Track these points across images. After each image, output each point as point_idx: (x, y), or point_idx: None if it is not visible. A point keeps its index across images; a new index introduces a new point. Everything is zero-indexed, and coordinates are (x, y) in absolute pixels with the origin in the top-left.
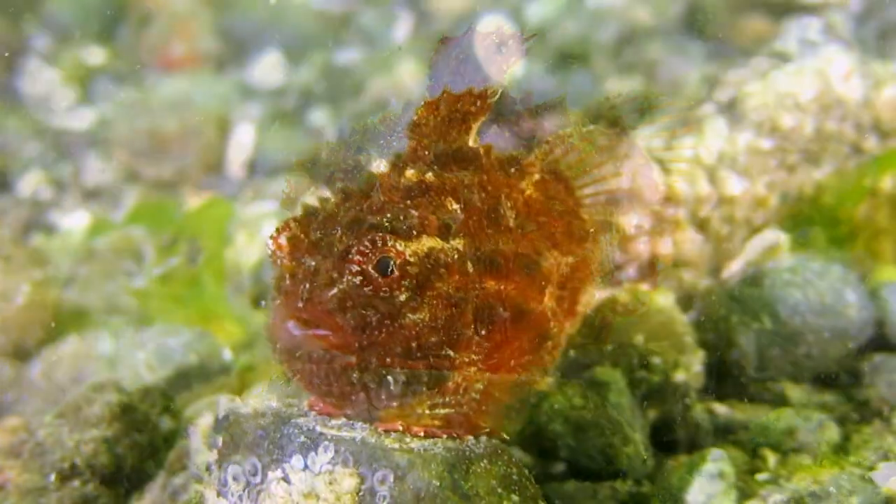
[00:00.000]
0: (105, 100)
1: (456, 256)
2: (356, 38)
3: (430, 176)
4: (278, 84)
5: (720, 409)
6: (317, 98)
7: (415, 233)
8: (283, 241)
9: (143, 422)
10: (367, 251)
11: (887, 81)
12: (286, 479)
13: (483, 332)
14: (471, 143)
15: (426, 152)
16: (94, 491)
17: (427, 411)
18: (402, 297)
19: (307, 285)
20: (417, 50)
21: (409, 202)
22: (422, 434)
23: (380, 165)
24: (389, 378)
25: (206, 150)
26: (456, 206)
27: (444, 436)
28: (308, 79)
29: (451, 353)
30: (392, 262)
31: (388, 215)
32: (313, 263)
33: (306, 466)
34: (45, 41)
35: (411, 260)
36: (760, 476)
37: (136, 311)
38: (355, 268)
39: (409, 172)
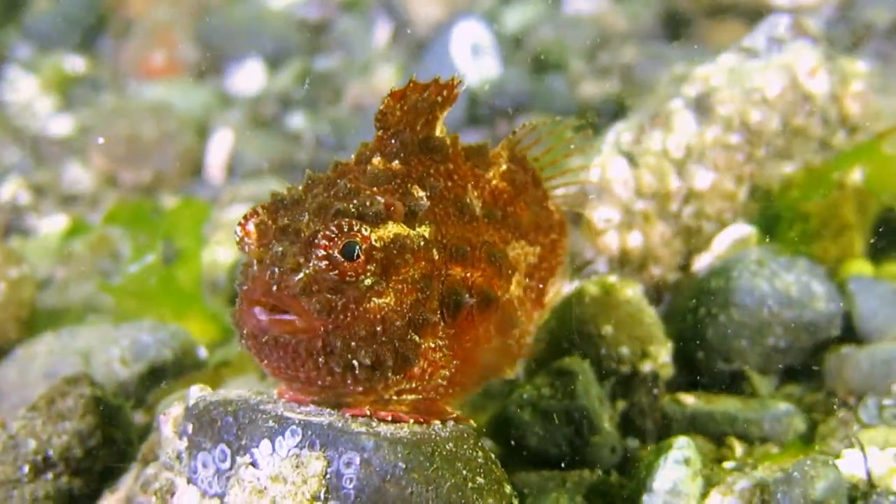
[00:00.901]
0: (85, 107)
1: (422, 243)
2: (335, 45)
3: (396, 164)
4: (258, 91)
5: (688, 399)
6: (296, 104)
7: (381, 219)
8: (250, 227)
9: (117, 415)
10: (334, 236)
11: (854, 77)
12: (254, 464)
13: (449, 319)
14: (437, 133)
15: (392, 141)
16: (67, 483)
17: (394, 397)
18: (368, 282)
19: (274, 270)
20: (395, 57)
21: (375, 189)
22: (389, 419)
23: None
24: (354, 362)
25: (184, 155)
26: (422, 194)
27: (411, 421)
28: (287, 85)
29: (416, 337)
30: (358, 247)
31: (355, 201)
32: (280, 249)
33: (274, 451)
34: (26, 50)
35: (377, 245)
36: (727, 464)
37: (113, 310)
38: (321, 252)
39: (376, 160)
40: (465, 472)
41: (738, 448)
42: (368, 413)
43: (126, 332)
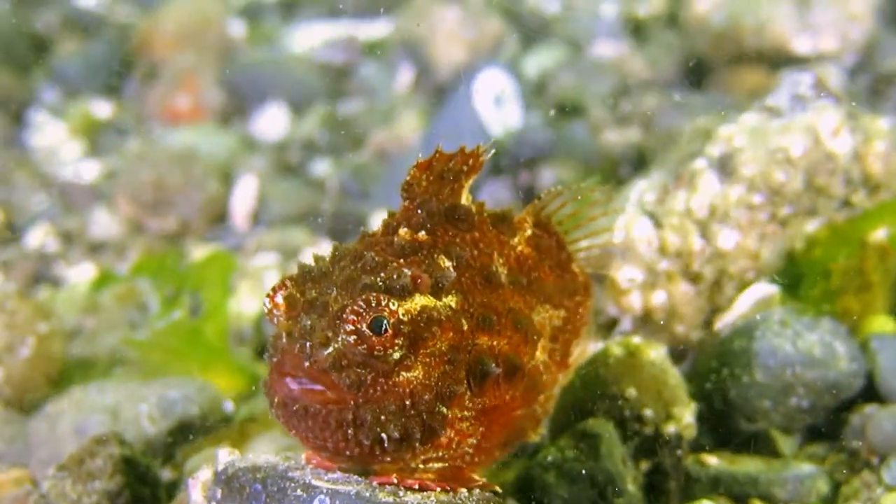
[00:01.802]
0: (111, 153)
1: (449, 313)
2: (358, 90)
3: (422, 234)
4: (282, 136)
5: (711, 460)
6: (319, 150)
7: (408, 292)
8: (279, 299)
9: (145, 474)
10: (362, 311)
11: (876, 136)
12: None
13: (475, 388)
14: (463, 201)
15: (419, 211)
16: None
17: (421, 465)
18: (396, 356)
19: (304, 344)
20: (418, 102)
21: (402, 261)
22: (416, 487)
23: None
24: (383, 435)
25: (210, 202)
26: (448, 264)
27: (438, 489)
28: (311, 131)
29: (443, 409)
30: (386, 322)
31: (382, 274)
32: (308, 322)
33: None
34: (52, 94)
35: (404, 319)
36: None
37: (140, 363)
38: (350, 327)
39: (402, 231)
40: None
41: None
42: (395, 481)
43: (153, 388)
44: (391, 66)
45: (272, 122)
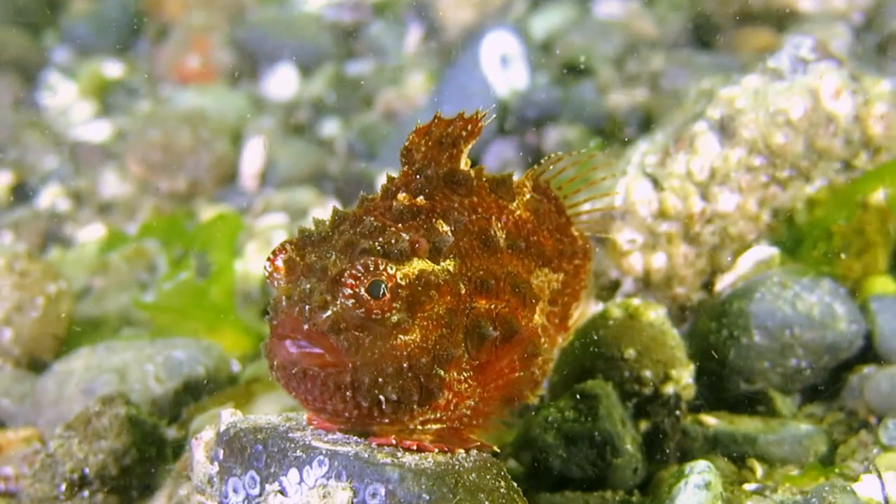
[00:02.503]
0: (122, 113)
1: (447, 277)
2: (367, 50)
3: (420, 199)
4: (291, 96)
5: (710, 420)
6: (328, 109)
7: (406, 256)
8: (279, 263)
9: (151, 433)
10: (360, 275)
11: (877, 98)
12: (283, 492)
13: (473, 351)
14: (462, 166)
15: (417, 176)
16: (103, 501)
17: (419, 426)
18: (394, 319)
19: (303, 307)
20: (426, 62)
21: (400, 225)
22: (414, 448)
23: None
24: (381, 397)
25: (219, 163)
26: (447, 228)
27: (436, 450)
28: (319, 90)
29: (441, 372)
30: (383, 285)
31: (380, 239)
32: (308, 286)
33: (302, 480)
34: (64, 54)
35: (402, 283)
36: (748, 486)
37: (148, 323)
38: (348, 291)
39: (401, 196)
40: (487, 502)
41: (759, 469)
42: (394, 442)
43: (160, 348)
44: (400, 25)
45: (281, 81)
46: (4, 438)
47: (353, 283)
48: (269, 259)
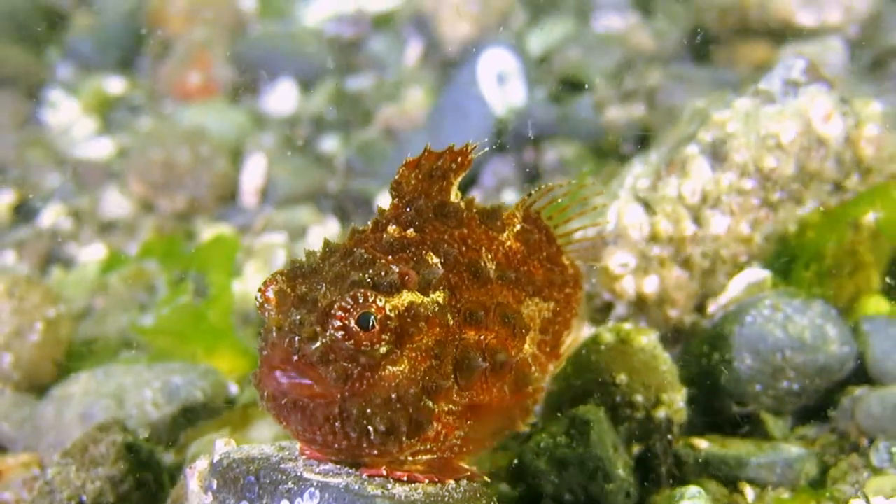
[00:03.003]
0: (124, 130)
1: (436, 309)
2: (367, 64)
3: (411, 231)
4: (291, 112)
5: (702, 443)
6: (328, 126)
7: (396, 288)
8: (270, 294)
9: (148, 459)
10: (349, 307)
11: (868, 120)
12: None
13: (463, 382)
14: (452, 198)
15: (408, 209)
16: None
17: (410, 458)
18: (383, 350)
19: (293, 338)
20: (425, 77)
21: (390, 257)
22: (404, 479)
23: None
24: (370, 428)
25: (219, 181)
26: (436, 261)
27: (426, 480)
28: (319, 106)
29: (430, 403)
30: (373, 318)
31: (370, 271)
32: (298, 317)
33: None
34: (66, 71)
35: (391, 315)
36: None
37: (147, 346)
38: (338, 323)
39: (391, 228)
40: None
41: (750, 493)
42: (385, 473)
43: (158, 373)
44: (400, 39)
45: (282, 97)
46: (4, 464)
47: (343, 314)
48: (260, 290)
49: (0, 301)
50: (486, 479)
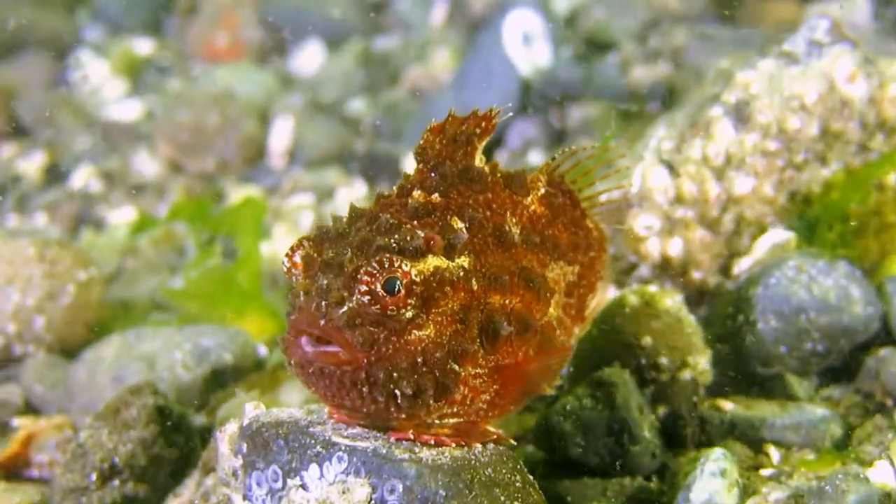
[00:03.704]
0: (153, 91)
1: (461, 274)
2: (394, 25)
3: (435, 196)
4: (318, 73)
5: (727, 405)
6: (355, 87)
7: (421, 253)
8: (297, 259)
9: (179, 422)
10: (375, 272)
11: (892, 80)
12: (304, 487)
13: (488, 346)
14: (476, 163)
15: (432, 174)
16: (133, 489)
17: (437, 421)
18: (409, 315)
19: (320, 302)
20: (451, 38)
21: (415, 222)
22: (432, 443)
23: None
24: (396, 392)
25: (247, 142)
26: (461, 225)
27: (453, 444)
28: (346, 67)
29: (456, 367)
30: (399, 282)
31: (396, 236)
32: (325, 282)
33: (322, 475)
34: (95, 32)
35: (417, 279)
36: (764, 472)
37: (177, 309)
38: (364, 287)
39: (416, 193)
40: (502, 497)
41: (776, 454)
42: (412, 437)
43: (188, 336)
44: (427, 0)
45: (309, 58)
46: (37, 426)
47: (369, 279)
48: (287, 255)
49: (32, 264)
50: (512, 441)
